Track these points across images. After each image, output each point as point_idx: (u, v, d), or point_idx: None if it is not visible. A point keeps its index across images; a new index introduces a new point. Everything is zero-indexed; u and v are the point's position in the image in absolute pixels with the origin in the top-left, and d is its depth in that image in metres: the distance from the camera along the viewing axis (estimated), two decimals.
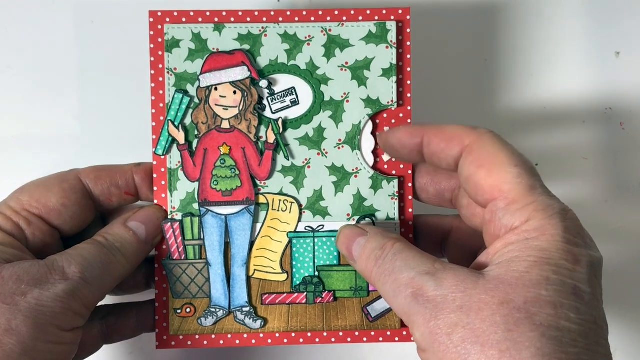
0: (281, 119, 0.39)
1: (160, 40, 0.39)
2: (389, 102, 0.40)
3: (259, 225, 0.40)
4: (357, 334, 0.40)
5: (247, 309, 0.40)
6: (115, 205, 0.40)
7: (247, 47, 0.39)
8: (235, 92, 0.39)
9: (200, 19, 0.39)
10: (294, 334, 0.40)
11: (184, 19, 0.39)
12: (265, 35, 0.39)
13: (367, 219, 0.40)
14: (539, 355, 0.27)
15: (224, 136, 0.39)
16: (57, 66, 0.47)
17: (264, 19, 0.39)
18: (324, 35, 0.39)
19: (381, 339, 0.40)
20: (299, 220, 0.40)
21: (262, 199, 0.40)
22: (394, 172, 0.40)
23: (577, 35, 0.49)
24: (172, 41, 0.39)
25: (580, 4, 0.49)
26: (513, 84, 0.48)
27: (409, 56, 0.40)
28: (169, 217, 0.39)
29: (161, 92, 0.39)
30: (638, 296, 0.49)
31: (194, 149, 0.39)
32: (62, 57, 0.47)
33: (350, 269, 0.40)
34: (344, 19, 0.39)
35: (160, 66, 0.39)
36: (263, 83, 0.39)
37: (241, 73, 0.39)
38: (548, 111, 0.49)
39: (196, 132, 0.39)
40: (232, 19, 0.39)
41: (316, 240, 0.40)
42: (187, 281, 0.39)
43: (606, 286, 0.31)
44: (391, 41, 0.39)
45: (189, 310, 0.39)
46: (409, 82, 0.40)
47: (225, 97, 0.39)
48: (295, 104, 0.39)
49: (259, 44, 0.39)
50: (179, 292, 0.39)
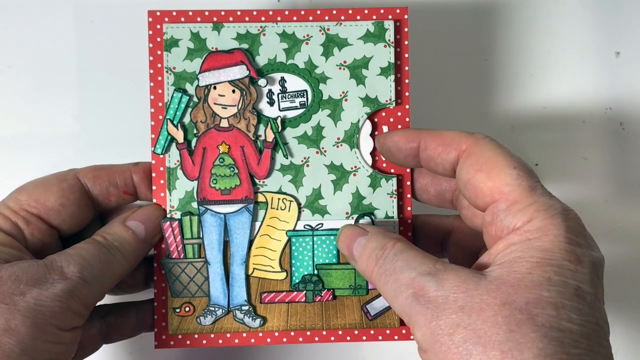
0: (280, 118, 0.39)
1: (159, 39, 0.39)
2: (387, 101, 0.40)
3: (258, 224, 0.40)
4: (356, 332, 0.40)
5: (246, 307, 0.39)
6: (114, 204, 0.40)
7: (245, 46, 0.39)
8: (234, 91, 0.39)
9: (198, 19, 0.39)
10: (293, 333, 0.40)
11: (182, 19, 0.39)
12: (264, 35, 0.39)
13: (366, 217, 0.40)
14: (540, 356, 0.27)
15: (222, 135, 0.39)
16: (57, 66, 0.47)
17: (263, 19, 0.39)
18: (322, 34, 0.39)
19: (380, 337, 0.40)
20: (298, 219, 0.40)
21: (261, 198, 0.40)
22: (392, 171, 0.40)
23: (577, 35, 0.49)
24: (171, 40, 0.39)
25: (580, 4, 0.49)
26: (513, 83, 0.48)
27: (406, 55, 0.40)
28: (168, 216, 0.39)
29: (160, 91, 0.39)
30: (638, 296, 0.49)
31: (193, 148, 0.39)
32: (62, 57, 0.47)
33: (349, 267, 0.40)
34: (342, 18, 0.40)
35: (159, 65, 0.39)
36: (262, 82, 0.39)
37: (240, 72, 0.39)
38: (548, 111, 0.48)
39: (195, 131, 0.39)
40: (231, 19, 0.39)
41: (315, 239, 0.40)
42: (186, 280, 0.39)
43: (606, 286, 0.31)
44: (389, 40, 0.39)
45: (188, 309, 0.39)
46: (407, 81, 0.40)
47: (224, 96, 0.39)
48: (303, 106, 0.39)
49: (257, 43, 0.39)
50: (177, 291, 0.39)
